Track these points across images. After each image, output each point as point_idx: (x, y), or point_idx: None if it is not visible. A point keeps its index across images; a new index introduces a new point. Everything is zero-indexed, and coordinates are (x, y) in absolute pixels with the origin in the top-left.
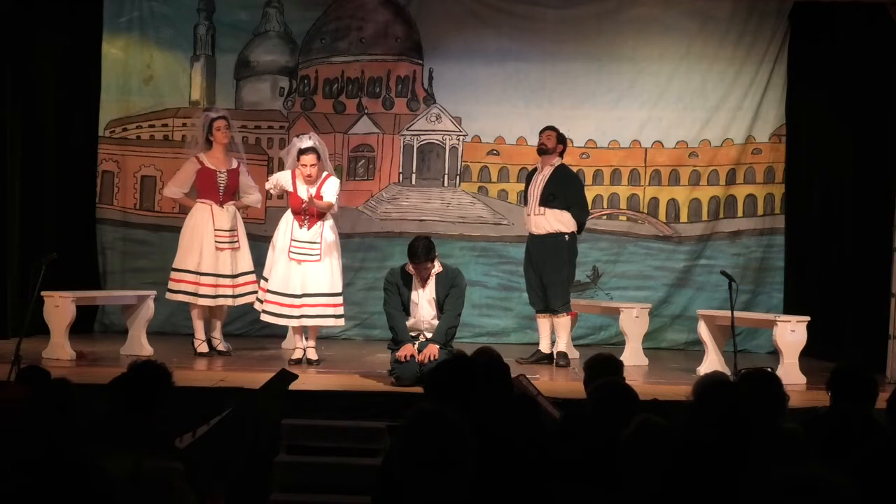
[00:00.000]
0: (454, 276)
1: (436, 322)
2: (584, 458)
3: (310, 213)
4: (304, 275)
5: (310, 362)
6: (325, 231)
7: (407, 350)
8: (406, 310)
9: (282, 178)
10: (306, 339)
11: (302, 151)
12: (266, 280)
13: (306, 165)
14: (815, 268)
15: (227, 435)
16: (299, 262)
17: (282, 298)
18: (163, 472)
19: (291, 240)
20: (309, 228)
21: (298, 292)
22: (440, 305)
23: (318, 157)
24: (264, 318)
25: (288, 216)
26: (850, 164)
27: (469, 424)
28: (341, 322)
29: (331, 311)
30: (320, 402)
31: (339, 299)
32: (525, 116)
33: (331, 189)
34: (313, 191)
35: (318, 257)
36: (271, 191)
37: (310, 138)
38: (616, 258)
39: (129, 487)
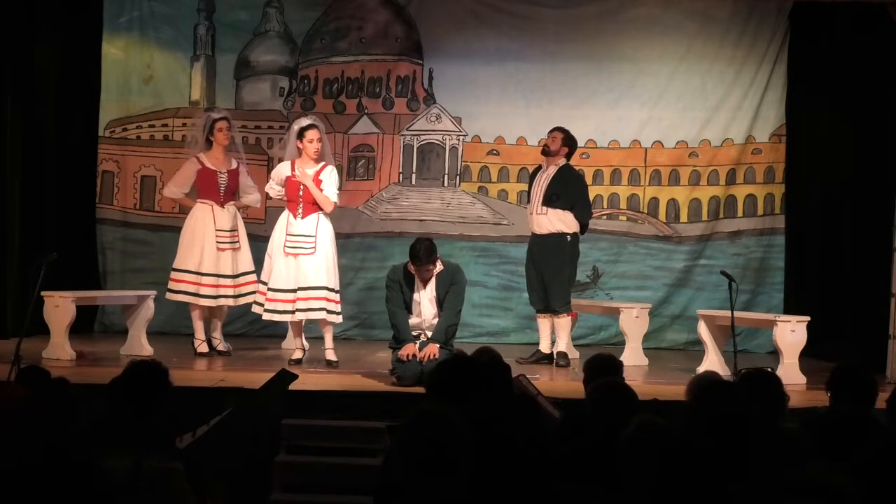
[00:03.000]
0: (454, 272)
1: (437, 321)
2: (584, 458)
3: (305, 200)
4: (299, 268)
5: (329, 364)
6: (321, 223)
7: (409, 349)
8: (408, 308)
9: (281, 168)
10: (323, 339)
11: (306, 128)
12: (265, 283)
13: (313, 141)
14: (815, 268)
15: (227, 435)
16: (295, 255)
17: (279, 295)
18: (163, 472)
19: (287, 235)
20: (304, 217)
21: (292, 287)
22: (441, 304)
23: (321, 134)
24: (266, 316)
25: (284, 215)
26: (850, 164)
27: (469, 424)
28: (339, 319)
29: (328, 305)
30: (320, 402)
31: (337, 296)
32: (525, 116)
33: (329, 179)
34: (311, 172)
35: (312, 250)
36: (272, 193)
37: (307, 117)
38: (616, 258)
39: (129, 487)
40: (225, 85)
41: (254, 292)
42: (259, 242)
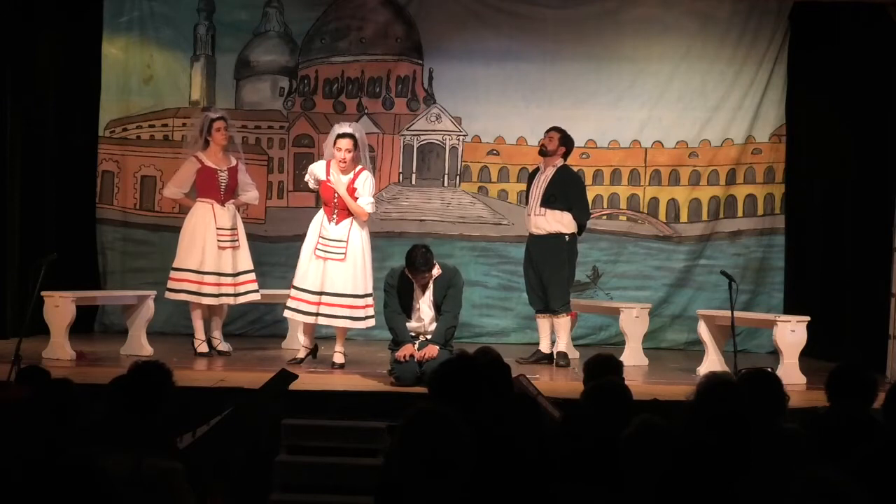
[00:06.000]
0: (451, 275)
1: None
2: (585, 458)
3: (339, 206)
4: (326, 273)
5: (334, 365)
6: (354, 229)
7: (406, 350)
8: (407, 313)
9: (316, 168)
10: (335, 341)
11: (340, 136)
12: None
13: (341, 150)
14: (815, 268)
15: (227, 435)
16: (324, 259)
17: (302, 294)
18: (163, 472)
19: (319, 237)
20: (338, 223)
21: (317, 289)
22: (440, 307)
23: (356, 146)
24: (286, 314)
25: (318, 217)
26: (850, 164)
27: (470, 424)
28: (365, 324)
29: (354, 312)
30: (320, 402)
31: (365, 301)
32: (525, 116)
33: (365, 186)
34: (346, 179)
35: (342, 257)
36: (311, 184)
37: (350, 125)
38: (616, 258)
39: (129, 487)
40: (225, 85)
41: (254, 291)
42: (258, 242)
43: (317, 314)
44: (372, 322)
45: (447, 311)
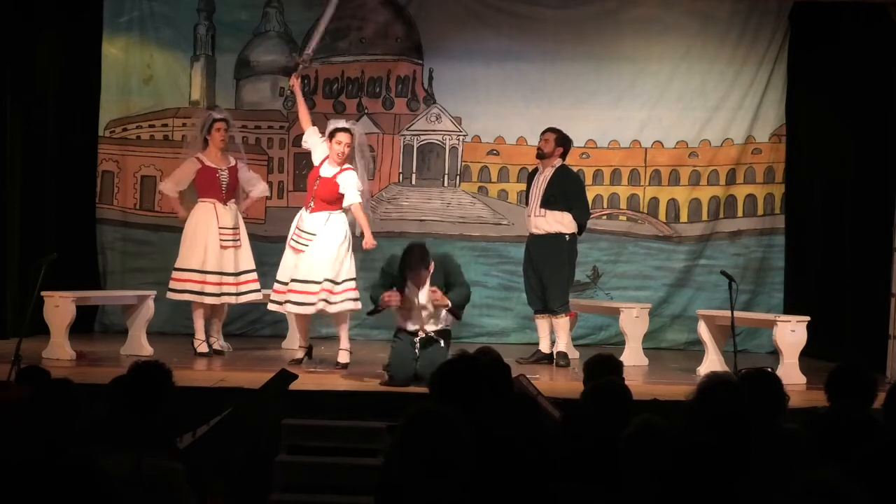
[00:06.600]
0: (444, 264)
1: (435, 313)
2: (584, 458)
3: (317, 196)
4: (297, 262)
5: (337, 364)
6: (331, 220)
7: (392, 296)
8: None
9: (319, 149)
10: (339, 337)
11: (340, 130)
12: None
13: (341, 143)
14: (815, 268)
15: (227, 435)
16: (295, 251)
17: (278, 286)
18: (163, 472)
19: (296, 229)
20: (312, 212)
21: (286, 279)
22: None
23: (351, 140)
24: (269, 305)
25: (301, 211)
26: (850, 164)
27: (470, 424)
28: (345, 306)
29: (328, 297)
30: (320, 402)
31: (341, 286)
32: (525, 116)
33: (347, 182)
34: (332, 172)
35: (305, 247)
36: (307, 138)
37: (347, 123)
38: (616, 258)
39: (129, 487)
40: (225, 85)
41: (256, 290)
42: (259, 242)
43: (284, 302)
44: (350, 305)
45: (457, 285)
